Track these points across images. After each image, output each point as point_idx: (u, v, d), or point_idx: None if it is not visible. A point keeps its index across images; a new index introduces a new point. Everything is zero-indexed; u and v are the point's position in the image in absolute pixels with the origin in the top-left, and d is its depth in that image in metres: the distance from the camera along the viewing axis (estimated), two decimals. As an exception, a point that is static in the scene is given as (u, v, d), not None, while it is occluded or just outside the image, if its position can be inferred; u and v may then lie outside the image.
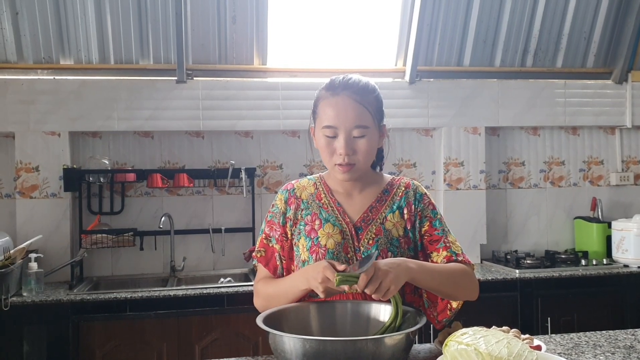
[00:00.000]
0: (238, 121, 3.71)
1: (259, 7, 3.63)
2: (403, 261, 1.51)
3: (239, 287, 3.20)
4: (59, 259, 3.43)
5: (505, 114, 4.02)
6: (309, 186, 1.75)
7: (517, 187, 4.18)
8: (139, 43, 3.60)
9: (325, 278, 1.45)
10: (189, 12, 3.56)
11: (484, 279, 3.42)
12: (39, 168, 3.52)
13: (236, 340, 3.13)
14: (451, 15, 3.83)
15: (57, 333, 2.99)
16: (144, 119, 3.61)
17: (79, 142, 3.66)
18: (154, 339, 3.07)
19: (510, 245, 4.12)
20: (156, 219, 3.60)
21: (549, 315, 3.44)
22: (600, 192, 4.24)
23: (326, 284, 1.45)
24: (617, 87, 4.16)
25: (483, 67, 4.03)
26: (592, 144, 4.28)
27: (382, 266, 1.45)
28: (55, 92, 3.54)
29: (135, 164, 3.71)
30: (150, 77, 3.66)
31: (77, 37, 3.52)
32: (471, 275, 1.66)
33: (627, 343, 1.77)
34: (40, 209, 3.50)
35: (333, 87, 1.63)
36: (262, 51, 3.76)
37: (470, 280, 1.65)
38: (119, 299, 3.04)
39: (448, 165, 3.97)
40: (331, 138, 1.61)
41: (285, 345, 1.35)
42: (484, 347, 1.27)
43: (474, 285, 1.66)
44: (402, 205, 1.70)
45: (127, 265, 3.67)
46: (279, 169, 3.88)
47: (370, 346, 1.31)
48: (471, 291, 1.66)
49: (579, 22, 3.99)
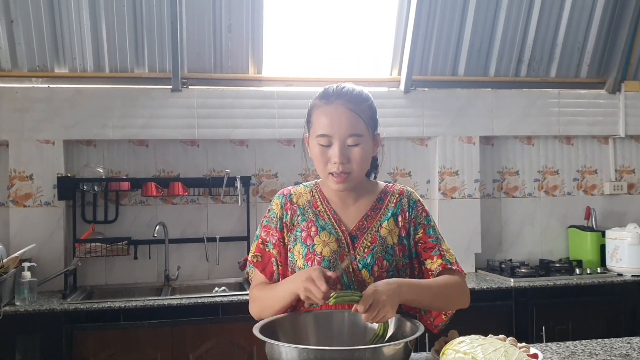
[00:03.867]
0: (233, 130, 3.71)
1: (255, 16, 3.64)
2: (398, 286, 1.51)
3: (233, 296, 3.19)
4: (53, 267, 3.41)
5: (500, 124, 4.04)
6: (305, 193, 1.75)
7: (512, 196, 4.19)
8: (134, 51, 3.59)
9: (312, 285, 1.45)
10: (184, 21, 3.56)
11: (478, 287, 3.42)
12: (32, 176, 3.50)
13: (231, 350, 3.11)
14: (446, 25, 3.85)
15: (50, 343, 2.97)
16: (138, 127, 3.61)
17: (73, 151, 3.65)
18: (148, 349, 3.05)
19: (504, 254, 4.12)
20: (150, 227, 3.58)
21: (544, 324, 3.44)
22: (594, 201, 4.26)
23: (312, 290, 1.46)
24: (610, 97, 4.19)
25: (477, 77, 4.05)
26: (585, 153, 4.30)
27: (380, 293, 1.45)
28: (49, 101, 3.53)
29: (129, 172, 3.69)
30: (145, 85, 3.65)
31: (72, 46, 3.52)
32: (463, 285, 1.68)
33: (623, 351, 1.77)
34: (34, 218, 3.48)
35: (327, 96, 1.64)
36: (258, 60, 3.77)
37: (462, 291, 1.67)
38: (112, 308, 3.02)
39: (443, 174, 3.98)
40: (325, 147, 1.62)
41: (283, 355, 1.34)
42: (481, 355, 1.27)
43: (465, 295, 1.68)
44: (397, 212, 1.71)
45: (121, 274, 3.65)
46: (274, 178, 3.87)
47: (369, 356, 1.30)
48: (462, 301, 1.68)
49: (572, 33, 4.02)
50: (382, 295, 1.44)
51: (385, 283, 1.50)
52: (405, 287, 1.53)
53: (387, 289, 1.47)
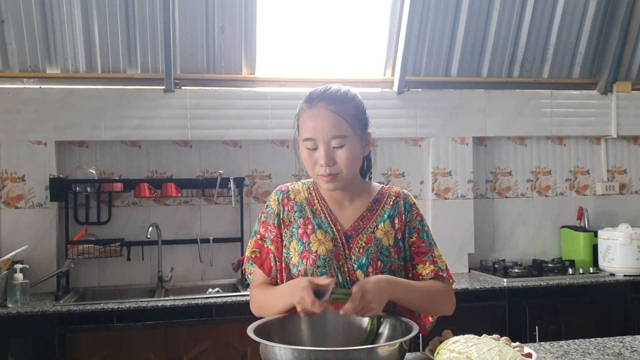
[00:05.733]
0: (226, 131, 3.70)
1: (248, 17, 3.63)
2: (388, 282, 1.54)
3: (227, 297, 3.18)
4: (45, 269, 3.39)
5: (493, 124, 4.05)
6: (303, 190, 1.75)
7: (505, 197, 4.21)
8: (126, 52, 3.58)
9: (302, 299, 1.45)
10: (177, 21, 3.55)
11: (472, 288, 3.43)
12: (24, 178, 3.48)
13: (225, 351, 3.10)
14: (439, 26, 3.85)
15: (43, 345, 2.95)
16: (131, 128, 3.59)
17: (65, 152, 3.63)
18: (141, 350, 3.03)
19: (497, 254, 4.13)
20: (143, 229, 3.57)
21: (537, 324, 3.44)
22: (586, 201, 4.27)
23: (303, 305, 1.46)
24: (602, 98, 4.21)
25: (470, 78, 4.06)
26: (578, 153, 4.32)
27: (370, 289, 1.47)
28: (41, 101, 3.51)
29: (122, 173, 3.68)
30: (137, 86, 3.64)
31: (64, 46, 3.50)
32: (450, 293, 1.72)
33: (616, 350, 1.78)
34: (26, 219, 3.46)
35: (311, 99, 1.64)
36: (251, 60, 3.76)
37: (449, 298, 1.71)
38: (106, 310, 3.00)
39: (436, 175, 3.98)
40: (312, 150, 1.62)
41: (277, 357, 1.34)
42: (475, 355, 1.27)
43: (451, 302, 1.71)
44: (393, 214, 1.71)
45: (114, 276, 3.63)
46: (268, 179, 3.87)
47: (364, 356, 1.30)
48: (448, 309, 1.71)
49: (565, 34, 4.04)
50: (368, 294, 1.46)
51: (375, 279, 1.53)
52: (396, 286, 1.56)
53: (375, 286, 1.49)
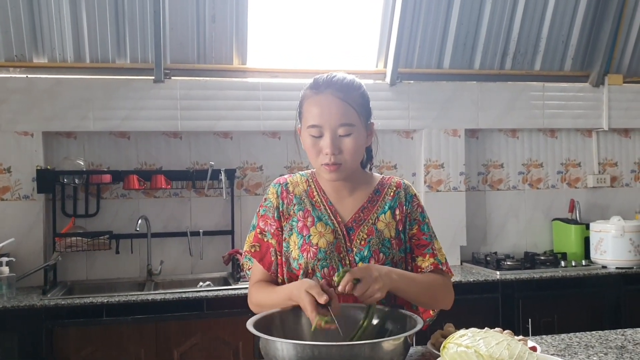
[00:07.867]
0: (217, 122, 3.65)
1: (239, 6, 3.57)
2: (390, 271, 1.52)
3: (219, 291, 3.13)
4: (32, 262, 3.33)
5: (485, 116, 4.03)
6: (302, 182, 1.71)
7: (496, 189, 4.20)
8: (115, 41, 3.51)
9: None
10: (167, 10, 3.49)
11: (465, 280, 3.41)
12: (10, 169, 3.41)
13: (216, 345, 3.06)
14: (431, 17, 3.82)
15: (30, 339, 2.89)
16: (120, 119, 3.53)
17: (52, 143, 3.56)
18: (131, 345, 2.99)
19: (489, 247, 4.12)
20: (132, 221, 3.51)
21: (530, 317, 3.44)
22: (577, 194, 4.28)
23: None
24: (594, 90, 4.21)
25: (463, 70, 4.04)
26: (569, 146, 4.31)
27: (374, 273, 1.46)
28: (28, 91, 3.43)
29: (111, 165, 3.61)
30: (127, 76, 3.57)
31: (52, 35, 3.42)
32: (449, 286, 1.70)
33: (619, 343, 1.76)
34: (12, 211, 3.39)
35: (317, 86, 1.60)
36: (242, 51, 3.71)
37: (448, 291, 1.68)
38: (95, 304, 2.95)
39: (428, 167, 3.96)
40: (317, 138, 1.58)
41: (279, 352, 1.30)
42: (484, 349, 1.24)
43: (450, 296, 1.69)
44: (394, 205, 1.68)
45: (102, 269, 3.57)
46: (259, 171, 3.82)
47: (368, 351, 1.27)
48: (447, 302, 1.69)
49: (557, 26, 4.03)
50: (374, 272, 1.45)
51: (378, 265, 1.53)
52: (396, 275, 1.53)
53: (379, 269, 1.49)
